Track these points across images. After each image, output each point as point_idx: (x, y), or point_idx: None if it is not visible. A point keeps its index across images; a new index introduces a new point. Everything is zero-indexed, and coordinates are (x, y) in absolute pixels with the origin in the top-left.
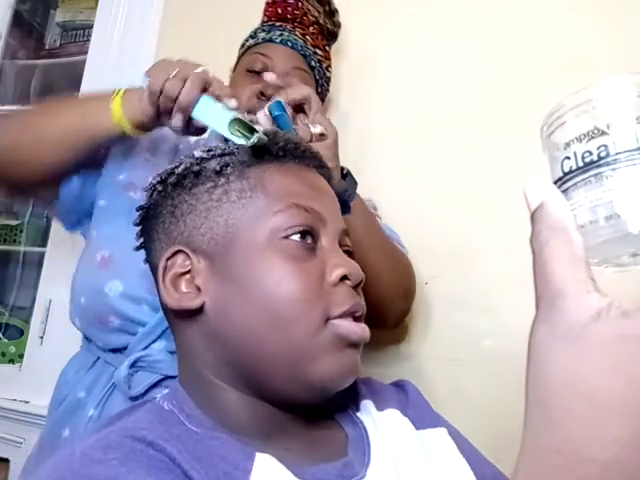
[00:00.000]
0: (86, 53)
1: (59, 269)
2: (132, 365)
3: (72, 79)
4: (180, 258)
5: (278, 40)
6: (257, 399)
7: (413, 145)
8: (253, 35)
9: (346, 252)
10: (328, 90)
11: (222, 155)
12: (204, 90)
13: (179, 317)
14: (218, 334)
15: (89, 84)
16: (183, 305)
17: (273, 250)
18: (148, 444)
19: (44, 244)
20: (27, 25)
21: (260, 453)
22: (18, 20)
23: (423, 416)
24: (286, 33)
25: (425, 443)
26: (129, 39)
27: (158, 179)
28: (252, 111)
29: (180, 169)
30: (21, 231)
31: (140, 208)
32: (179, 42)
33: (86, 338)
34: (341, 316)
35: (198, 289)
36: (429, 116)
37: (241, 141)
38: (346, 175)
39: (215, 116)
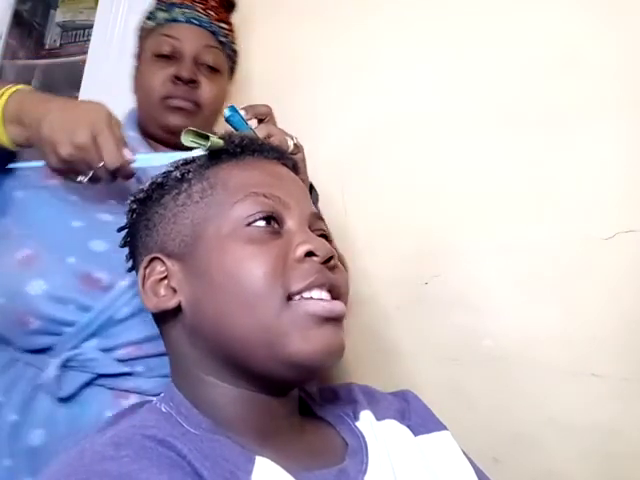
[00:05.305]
0: (86, 53)
1: None
2: (62, 365)
3: (72, 79)
4: (157, 265)
5: (183, 19)
6: (246, 390)
7: (413, 145)
8: (151, 16)
9: (321, 236)
10: (236, 63)
11: (184, 164)
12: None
13: (163, 320)
14: (196, 328)
15: (89, 84)
16: (161, 307)
17: (235, 238)
18: (158, 442)
19: None
20: (27, 25)
21: (259, 457)
22: (18, 20)
23: (426, 422)
24: (188, 10)
25: (425, 450)
26: (129, 39)
27: (132, 198)
28: (169, 96)
29: (147, 185)
30: None
31: (120, 229)
32: None
33: (1, 339)
34: (304, 290)
35: (174, 291)
36: (428, 116)
37: (198, 151)
38: (311, 189)
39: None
